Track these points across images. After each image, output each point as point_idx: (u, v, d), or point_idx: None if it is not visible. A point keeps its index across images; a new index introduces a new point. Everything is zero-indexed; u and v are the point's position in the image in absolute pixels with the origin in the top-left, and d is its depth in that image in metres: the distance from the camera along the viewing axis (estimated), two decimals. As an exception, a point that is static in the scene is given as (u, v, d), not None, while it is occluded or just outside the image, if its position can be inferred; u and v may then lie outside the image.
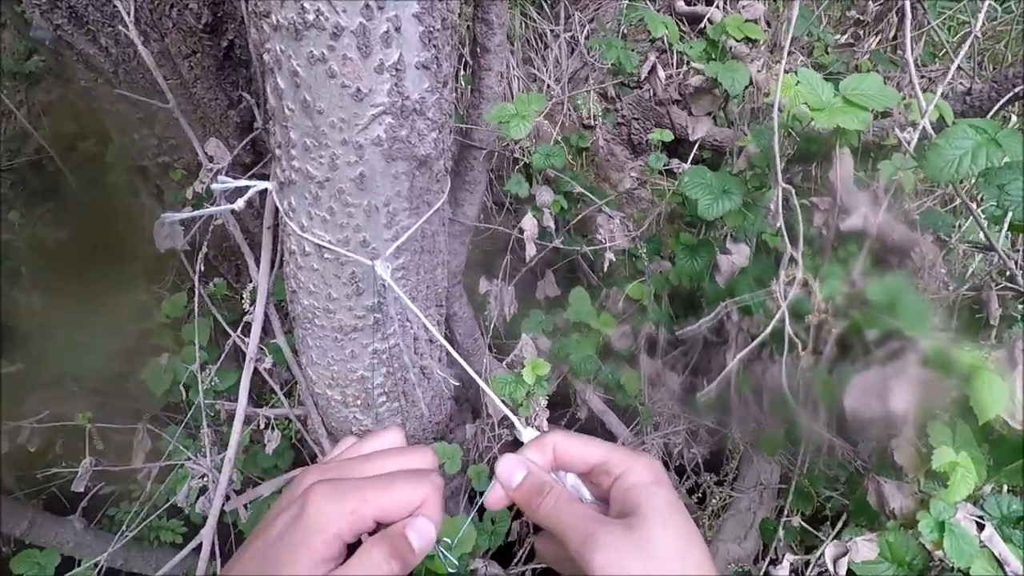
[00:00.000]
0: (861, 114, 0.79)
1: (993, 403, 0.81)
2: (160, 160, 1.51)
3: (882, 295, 0.83)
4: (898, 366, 0.81)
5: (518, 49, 1.59)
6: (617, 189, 1.49)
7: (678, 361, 1.59)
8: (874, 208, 0.87)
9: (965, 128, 0.75)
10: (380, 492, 0.41)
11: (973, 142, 0.73)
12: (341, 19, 0.62)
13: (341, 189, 0.73)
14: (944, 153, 0.74)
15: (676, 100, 1.22)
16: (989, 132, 0.74)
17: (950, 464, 0.88)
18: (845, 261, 0.98)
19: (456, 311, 1.21)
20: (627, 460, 0.43)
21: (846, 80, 0.81)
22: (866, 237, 0.88)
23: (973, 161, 0.73)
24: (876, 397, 0.80)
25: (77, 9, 1.22)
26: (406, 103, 0.70)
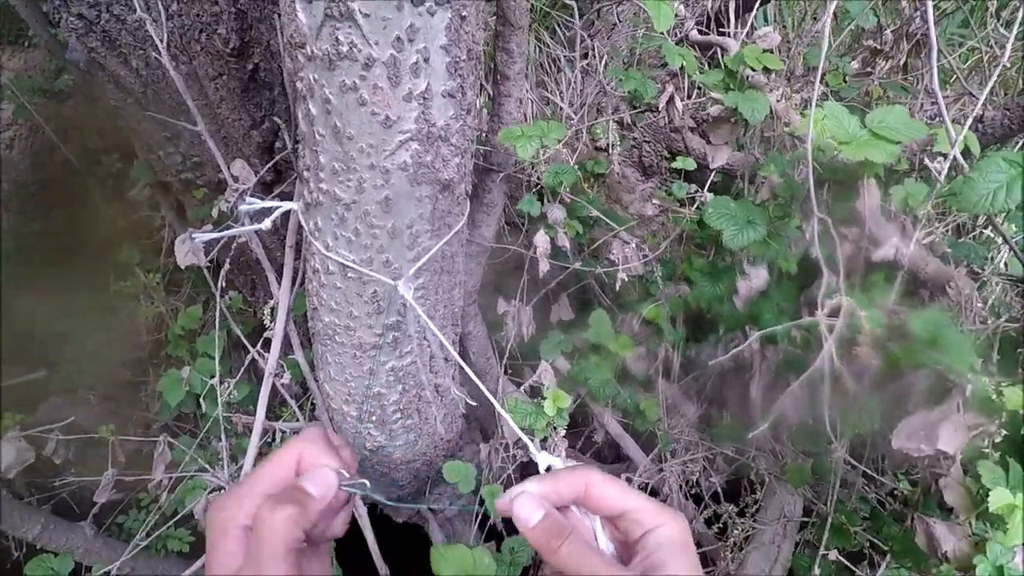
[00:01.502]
0: (889, 147, 0.80)
1: None
2: (183, 177, 1.55)
3: (924, 329, 0.83)
4: (944, 409, 0.82)
5: (532, 73, 1.63)
6: (628, 210, 1.52)
7: (692, 388, 1.60)
8: (904, 239, 0.88)
9: (998, 161, 0.76)
10: (256, 473, 0.45)
11: (1007, 175, 0.74)
12: (373, 51, 0.65)
13: (367, 211, 0.76)
14: (978, 186, 0.75)
15: (691, 127, 1.25)
16: (1023, 165, 0.74)
17: (1008, 506, 0.85)
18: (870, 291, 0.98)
19: (471, 330, 1.23)
20: (662, 516, 0.43)
21: (872, 113, 0.83)
22: (898, 268, 0.88)
23: (1008, 194, 0.74)
24: (924, 439, 0.81)
25: (111, 33, 1.28)
26: (432, 130, 0.73)
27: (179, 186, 1.62)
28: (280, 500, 0.42)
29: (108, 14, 1.24)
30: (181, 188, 1.62)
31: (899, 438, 0.84)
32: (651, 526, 0.42)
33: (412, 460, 1.12)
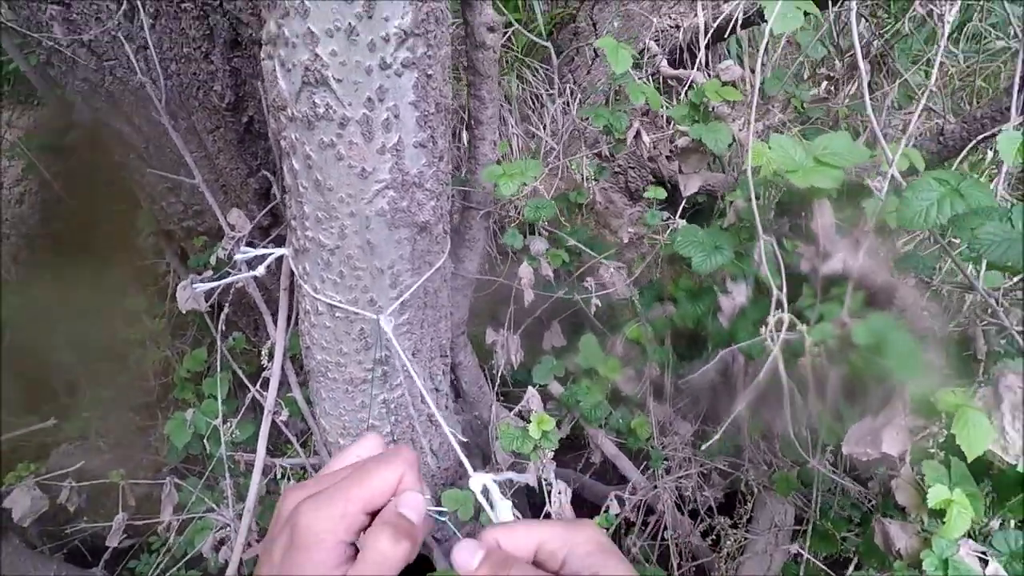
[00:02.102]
0: (834, 172, 0.86)
1: (979, 440, 0.85)
2: (185, 225, 1.63)
3: (869, 337, 0.88)
4: (888, 413, 0.86)
5: (516, 108, 1.71)
6: (617, 234, 1.57)
7: (689, 409, 1.64)
8: (854, 252, 0.93)
9: (929, 180, 0.82)
10: (360, 485, 0.44)
11: (938, 193, 0.80)
12: (347, 111, 0.72)
13: (350, 255, 0.82)
14: (912, 204, 0.81)
15: (667, 156, 1.31)
16: (952, 183, 0.80)
17: (945, 501, 0.91)
18: (840, 300, 1.04)
19: (461, 360, 1.29)
20: (573, 532, 0.42)
21: (817, 140, 0.89)
22: (848, 281, 0.93)
23: (939, 211, 0.80)
24: (870, 444, 0.85)
25: (114, 94, 1.37)
26: (406, 178, 0.79)
27: (181, 233, 1.70)
28: (398, 532, 0.42)
29: (111, 77, 1.34)
30: (183, 235, 1.71)
31: (848, 444, 0.88)
32: (568, 546, 0.41)
33: (409, 490, 1.16)
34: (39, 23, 1.27)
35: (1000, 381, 0.90)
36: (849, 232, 0.87)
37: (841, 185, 0.95)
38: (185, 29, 1.26)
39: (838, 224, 0.90)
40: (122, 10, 1.22)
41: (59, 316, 2.11)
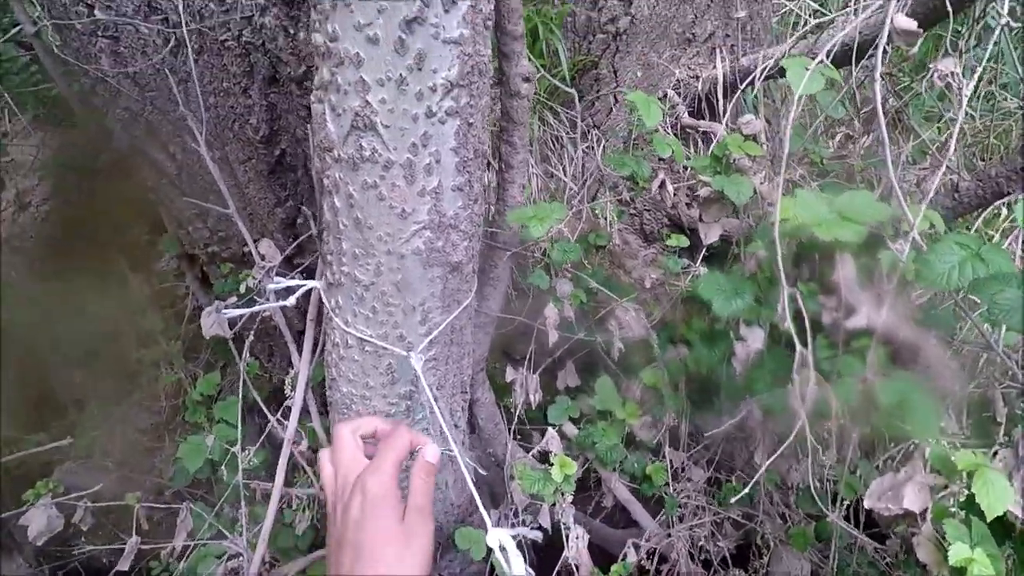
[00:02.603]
0: (856, 228, 0.89)
1: (998, 500, 0.86)
2: (210, 250, 1.67)
3: (892, 397, 0.89)
4: (909, 470, 0.87)
5: (536, 150, 1.75)
6: (631, 275, 1.60)
7: (701, 455, 1.64)
8: (878, 307, 0.94)
9: (951, 244, 0.84)
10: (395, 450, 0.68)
11: (959, 256, 0.82)
12: (392, 155, 0.75)
13: (384, 291, 0.85)
14: (935, 267, 0.83)
15: (687, 202, 1.34)
16: (973, 247, 0.83)
17: (966, 560, 0.91)
18: (861, 354, 1.05)
19: (479, 396, 1.30)
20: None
21: (840, 198, 0.92)
22: (872, 335, 0.95)
23: (961, 274, 0.82)
24: (892, 499, 0.86)
25: (153, 123, 1.42)
26: (443, 219, 0.82)
27: (205, 258, 1.73)
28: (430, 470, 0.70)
29: (152, 107, 1.39)
30: (207, 260, 1.74)
31: (871, 499, 0.89)
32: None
33: (422, 525, 1.16)
34: (88, 54, 1.32)
35: (1020, 444, 0.91)
36: (870, 286, 0.90)
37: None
38: (227, 65, 1.31)
39: (859, 277, 0.92)
40: (169, 46, 1.27)
41: (74, 332, 2.13)
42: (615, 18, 1.62)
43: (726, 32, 1.67)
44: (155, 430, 2.16)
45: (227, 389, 2.10)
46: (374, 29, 0.69)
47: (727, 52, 1.66)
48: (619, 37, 1.65)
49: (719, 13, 1.63)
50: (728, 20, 1.65)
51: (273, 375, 2.04)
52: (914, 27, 0.83)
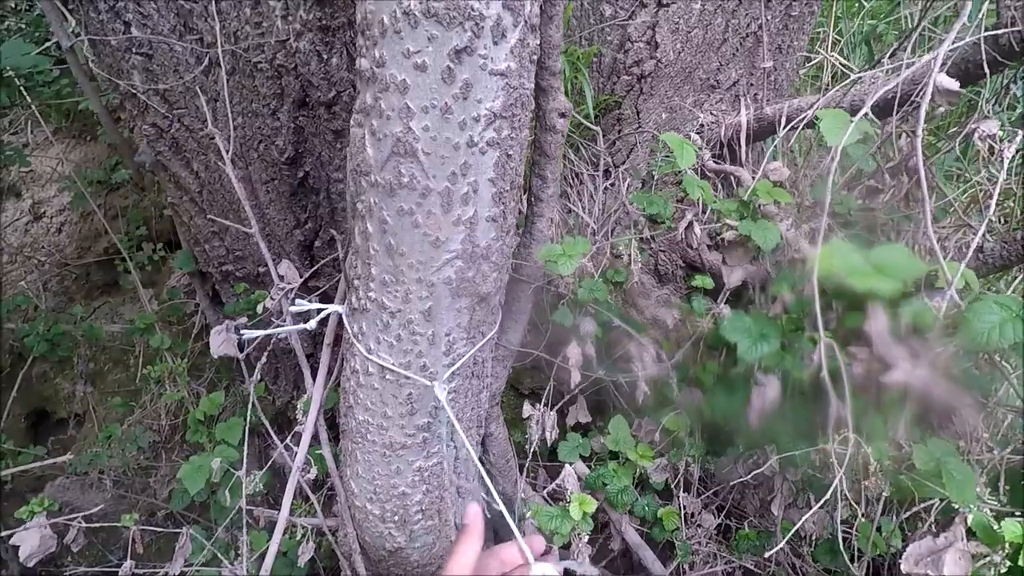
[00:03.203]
0: (892, 281, 0.87)
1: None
2: (224, 269, 1.65)
3: (928, 462, 0.87)
4: (949, 536, 0.84)
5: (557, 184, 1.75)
6: (644, 314, 1.58)
7: (712, 501, 1.59)
8: (915, 362, 0.92)
9: (991, 304, 0.83)
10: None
11: (999, 317, 0.81)
12: (431, 183, 0.74)
13: (410, 319, 0.83)
14: (975, 327, 0.82)
15: (709, 244, 1.34)
16: (1013, 309, 0.82)
17: None
18: (885, 413, 1.02)
19: (492, 431, 1.27)
20: None
21: (876, 250, 0.91)
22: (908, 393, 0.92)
23: (1001, 335, 0.80)
24: (931, 565, 0.83)
25: (178, 140, 1.42)
26: (475, 249, 0.81)
27: (218, 276, 1.72)
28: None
29: (179, 124, 1.39)
30: (220, 279, 1.72)
31: (908, 563, 0.85)
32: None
33: (428, 564, 1.12)
34: (121, 70, 1.33)
35: None
36: (901, 340, 0.88)
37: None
38: (258, 86, 1.32)
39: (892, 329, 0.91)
40: (203, 66, 1.28)
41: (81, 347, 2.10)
42: (640, 61, 1.64)
43: (750, 81, 1.69)
44: (152, 448, 2.12)
45: (229, 410, 2.06)
46: (423, 57, 0.69)
47: (751, 100, 1.68)
48: (644, 79, 1.67)
49: (744, 62, 1.66)
50: (753, 70, 1.67)
51: (276, 398, 2.00)
52: (956, 87, 0.83)
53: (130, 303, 2.21)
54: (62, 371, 2.24)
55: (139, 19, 1.26)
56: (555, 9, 0.87)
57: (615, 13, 1.63)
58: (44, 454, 1.80)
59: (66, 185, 2.02)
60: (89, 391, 2.10)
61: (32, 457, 1.75)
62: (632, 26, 1.60)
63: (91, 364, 2.14)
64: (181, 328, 2.05)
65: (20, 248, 2.25)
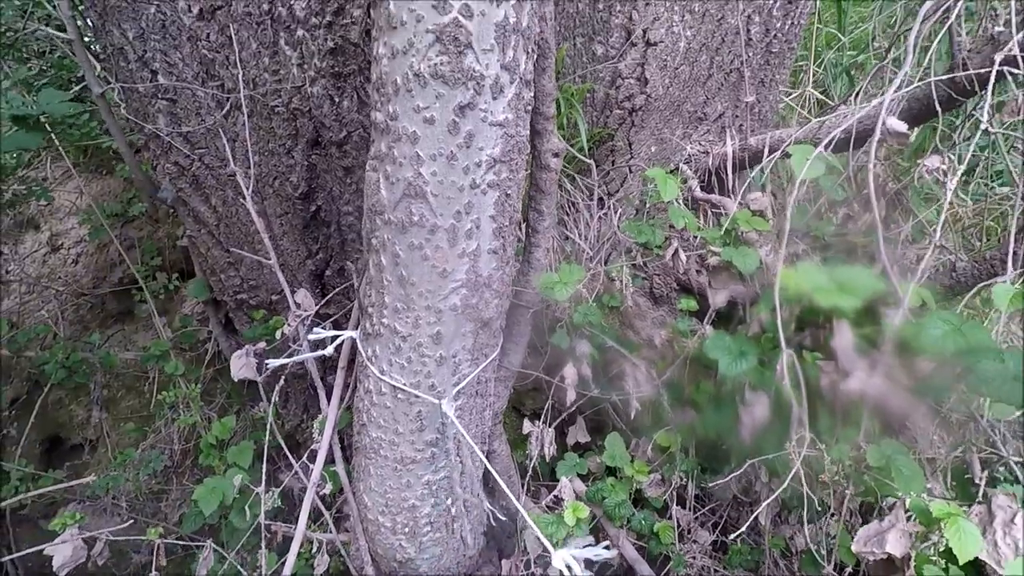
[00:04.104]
0: (853, 299, 0.98)
1: (969, 546, 0.92)
2: (239, 297, 1.76)
3: (880, 459, 0.97)
4: (891, 519, 0.93)
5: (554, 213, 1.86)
6: (640, 335, 1.68)
7: (708, 518, 1.67)
8: (871, 372, 1.02)
9: (936, 320, 0.93)
10: None
11: (943, 331, 0.91)
12: (438, 221, 0.85)
13: (420, 343, 0.93)
14: (923, 336, 0.92)
15: (697, 269, 1.44)
16: (954, 323, 0.92)
17: None
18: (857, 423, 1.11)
19: (495, 448, 1.35)
20: None
21: (839, 270, 1.01)
22: (865, 400, 1.02)
23: (946, 342, 0.91)
24: (876, 544, 0.92)
25: (199, 177, 1.53)
26: (479, 279, 0.91)
27: (232, 304, 1.82)
28: None
29: (200, 163, 1.51)
30: (234, 307, 1.83)
31: (858, 544, 0.94)
32: None
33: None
34: (147, 114, 1.45)
35: (993, 500, 0.97)
36: (867, 352, 0.97)
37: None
38: (274, 128, 1.44)
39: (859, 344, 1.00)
40: (224, 110, 1.40)
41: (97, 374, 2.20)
42: (631, 96, 1.76)
43: (735, 113, 1.81)
44: (164, 473, 2.20)
45: (239, 434, 2.15)
46: (431, 112, 0.79)
47: (736, 131, 1.80)
48: (635, 113, 1.79)
49: (729, 96, 1.78)
50: (738, 102, 1.79)
51: (286, 421, 2.09)
52: (905, 129, 0.93)
53: (143, 331, 2.31)
54: (77, 398, 2.33)
55: (165, 68, 1.38)
56: (547, 62, 0.98)
57: (606, 52, 1.76)
58: (63, 477, 1.88)
59: (85, 218, 2.13)
60: (104, 417, 2.19)
61: (52, 481, 1.83)
62: (623, 64, 1.73)
63: (106, 391, 2.23)
64: (194, 355, 2.15)
65: (38, 278, 2.36)
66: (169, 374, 1.96)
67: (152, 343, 2.03)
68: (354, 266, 1.36)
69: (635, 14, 1.67)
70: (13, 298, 2.29)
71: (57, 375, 2.04)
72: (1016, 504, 0.91)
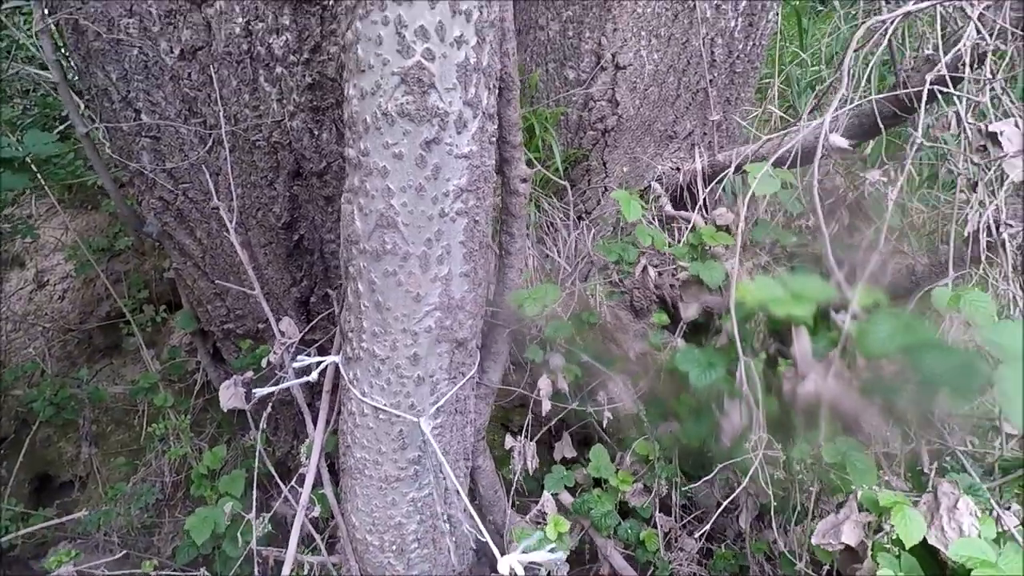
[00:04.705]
0: (806, 304, 1.04)
1: (914, 531, 0.98)
2: (225, 327, 1.80)
3: (835, 457, 1.03)
4: (846, 511, 0.99)
5: (532, 233, 1.93)
6: (623, 347, 1.73)
7: (695, 527, 1.72)
8: (824, 375, 1.08)
9: (884, 316, 0.99)
10: None
11: (891, 326, 0.98)
12: (410, 248, 0.91)
13: (398, 365, 0.98)
14: (871, 335, 0.98)
15: (671, 284, 1.50)
16: (902, 320, 0.98)
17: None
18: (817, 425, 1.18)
19: (480, 464, 1.40)
20: None
21: (792, 279, 1.08)
22: (821, 403, 1.08)
23: (891, 341, 0.97)
24: (833, 536, 0.97)
25: (183, 211, 1.59)
26: (451, 301, 0.97)
27: (220, 334, 1.87)
28: None
29: (184, 197, 1.57)
30: (221, 336, 1.87)
31: (817, 536, 1.01)
32: None
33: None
34: (131, 151, 1.51)
35: (939, 488, 1.04)
36: (824, 357, 1.03)
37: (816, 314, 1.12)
38: (255, 161, 1.50)
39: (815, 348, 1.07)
40: (207, 146, 1.47)
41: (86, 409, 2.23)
42: (604, 117, 1.84)
43: (704, 131, 1.90)
44: (156, 506, 2.22)
45: (230, 463, 2.18)
46: (400, 147, 0.86)
47: (705, 148, 1.88)
48: (607, 134, 1.86)
49: (697, 115, 1.86)
50: (706, 120, 1.87)
51: (276, 448, 2.13)
52: (846, 145, 1.01)
53: (131, 364, 2.35)
54: (66, 434, 2.36)
55: (149, 106, 1.44)
56: (511, 94, 1.05)
57: (578, 76, 1.84)
58: (53, 515, 1.90)
59: (71, 253, 2.18)
60: (93, 452, 2.21)
61: (42, 518, 1.85)
62: (594, 87, 1.81)
63: (95, 426, 2.26)
64: (183, 386, 2.18)
65: (24, 316, 2.39)
66: (158, 406, 1.99)
67: (141, 376, 2.07)
68: (335, 293, 1.42)
69: (604, 39, 1.76)
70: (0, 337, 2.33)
71: (45, 412, 2.07)
72: (958, 490, 0.97)
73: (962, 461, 1.10)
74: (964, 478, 1.02)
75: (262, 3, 1.30)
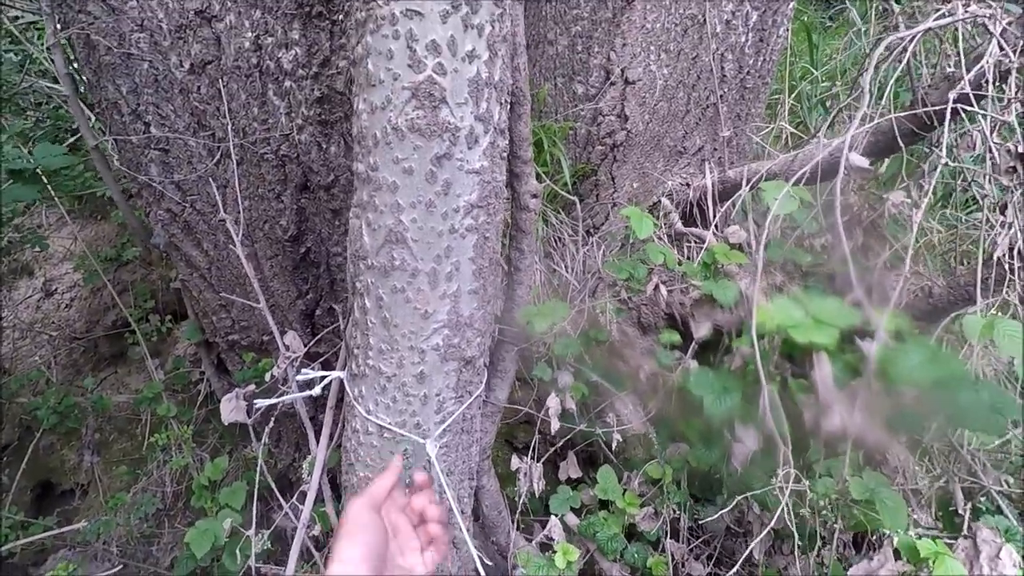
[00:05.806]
0: (830, 330, 1.01)
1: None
2: (230, 338, 1.79)
3: (864, 492, 0.99)
4: (880, 558, 0.95)
5: (540, 248, 1.91)
6: (629, 364, 1.70)
7: (702, 551, 1.68)
8: (850, 408, 1.04)
9: (914, 345, 0.96)
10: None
11: (920, 358, 0.94)
12: (419, 264, 0.88)
13: (404, 383, 0.96)
14: (899, 365, 0.95)
15: (681, 302, 1.47)
16: (931, 349, 0.95)
17: None
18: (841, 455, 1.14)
19: (484, 484, 1.37)
20: None
21: (814, 302, 1.05)
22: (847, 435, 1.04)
23: (922, 371, 0.94)
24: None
25: (190, 223, 1.58)
26: (460, 319, 0.94)
27: (224, 345, 1.85)
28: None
29: (192, 209, 1.55)
30: (226, 347, 1.85)
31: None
32: None
33: (427, 614, 1.20)
34: (139, 164, 1.50)
35: (978, 535, 0.99)
36: (847, 385, 1.00)
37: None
38: (263, 174, 1.49)
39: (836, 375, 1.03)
40: (215, 159, 1.45)
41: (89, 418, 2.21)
42: (612, 132, 1.82)
43: (714, 146, 1.87)
44: (156, 516, 2.19)
45: (232, 475, 2.15)
46: (410, 162, 0.84)
47: (715, 164, 1.86)
48: (616, 148, 1.85)
49: (707, 130, 1.84)
50: (716, 136, 1.85)
51: (278, 461, 2.10)
52: (866, 164, 0.98)
53: (136, 373, 2.33)
54: (68, 442, 2.34)
55: (158, 119, 1.43)
56: (522, 109, 1.03)
57: (587, 91, 1.83)
58: (54, 524, 1.87)
59: (79, 263, 2.17)
60: (95, 461, 2.19)
61: (42, 528, 1.82)
62: (603, 102, 1.79)
63: (98, 434, 2.24)
64: (186, 396, 2.16)
65: (32, 324, 2.38)
66: (161, 416, 1.97)
67: (145, 385, 2.05)
68: (340, 308, 1.39)
69: (613, 54, 1.74)
70: (7, 344, 2.32)
71: (49, 420, 2.05)
72: (1000, 538, 0.93)
73: (997, 501, 1.06)
74: (1001, 520, 0.97)
75: (272, 18, 1.29)
